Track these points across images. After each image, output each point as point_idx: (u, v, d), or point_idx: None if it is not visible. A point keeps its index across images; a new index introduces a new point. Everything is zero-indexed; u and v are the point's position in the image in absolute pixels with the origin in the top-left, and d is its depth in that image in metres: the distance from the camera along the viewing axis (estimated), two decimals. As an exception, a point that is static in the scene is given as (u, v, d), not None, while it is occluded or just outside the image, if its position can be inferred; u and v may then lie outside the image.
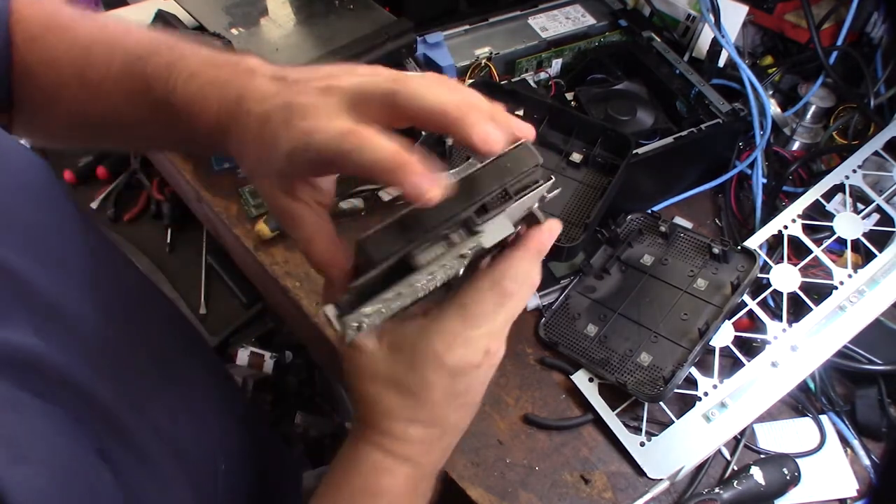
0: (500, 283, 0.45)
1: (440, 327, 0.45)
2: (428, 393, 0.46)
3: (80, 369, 0.44)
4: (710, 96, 0.87)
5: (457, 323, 0.45)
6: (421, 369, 0.46)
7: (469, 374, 0.47)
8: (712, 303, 0.75)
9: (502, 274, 0.46)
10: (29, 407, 0.39)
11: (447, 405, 0.48)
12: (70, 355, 0.44)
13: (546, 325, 0.78)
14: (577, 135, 0.81)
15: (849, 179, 0.81)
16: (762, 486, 0.66)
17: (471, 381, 0.47)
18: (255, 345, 1.27)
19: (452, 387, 0.47)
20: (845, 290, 0.73)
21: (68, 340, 0.45)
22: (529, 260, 0.46)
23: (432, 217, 0.42)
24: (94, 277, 0.51)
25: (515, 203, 0.44)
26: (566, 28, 0.98)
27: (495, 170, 0.43)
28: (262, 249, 0.85)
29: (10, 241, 0.45)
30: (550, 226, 0.48)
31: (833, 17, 0.94)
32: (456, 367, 0.46)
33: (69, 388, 0.43)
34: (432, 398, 0.47)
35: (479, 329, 0.45)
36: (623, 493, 0.68)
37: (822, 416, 0.72)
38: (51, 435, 0.40)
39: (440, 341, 0.45)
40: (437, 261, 0.42)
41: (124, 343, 0.51)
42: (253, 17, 0.88)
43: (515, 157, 0.44)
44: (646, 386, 0.71)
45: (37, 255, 0.46)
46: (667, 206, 0.89)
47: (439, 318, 0.46)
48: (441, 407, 0.47)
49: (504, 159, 0.44)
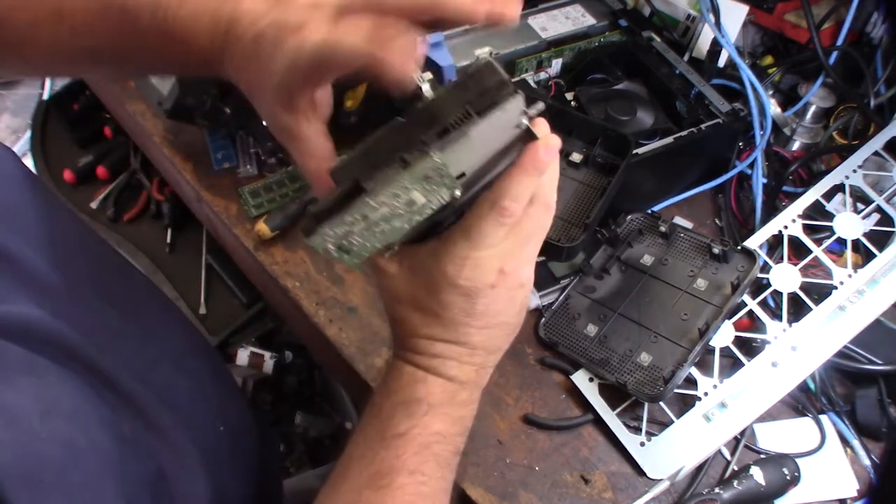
0: (498, 202, 0.46)
1: (448, 249, 0.47)
2: (447, 312, 0.49)
3: (81, 341, 0.46)
4: (710, 96, 0.87)
5: (462, 245, 0.47)
6: (437, 291, 0.48)
7: (485, 294, 0.48)
8: (712, 303, 0.75)
9: (499, 194, 0.46)
10: (47, 370, 0.41)
11: (468, 325, 0.49)
12: (70, 327, 0.45)
13: (546, 325, 0.78)
14: (577, 135, 0.81)
15: (849, 179, 0.81)
16: (762, 486, 0.66)
17: (489, 302, 0.49)
18: (255, 345, 1.27)
19: (471, 307, 0.49)
20: (845, 290, 0.73)
21: (66, 316, 0.46)
22: (526, 177, 0.46)
23: (392, 143, 0.43)
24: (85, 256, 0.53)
25: (483, 123, 0.43)
26: (566, 28, 0.97)
27: (457, 92, 0.43)
28: (262, 249, 0.85)
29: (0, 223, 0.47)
30: (547, 140, 0.47)
31: (833, 17, 0.94)
32: (469, 289, 0.48)
33: (77, 358, 0.45)
34: (452, 317, 0.49)
35: (485, 250, 0.47)
36: (623, 493, 0.68)
37: (822, 416, 0.72)
38: (71, 392, 0.42)
39: (450, 263, 0.47)
40: (389, 183, 0.42)
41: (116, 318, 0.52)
42: (253, 17, 0.87)
43: (478, 78, 0.43)
44: (646, 386, 0.71)
45: (25, 235, 0.48)
46: (667, 206, 0.89)
47: (448, 240, 0.48)
48: (463, 325, 0.49)
49: (467, 81, 0.43)
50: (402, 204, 0.43)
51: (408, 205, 0.43)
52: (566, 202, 0.78)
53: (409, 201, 0.43)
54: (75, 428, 0.40)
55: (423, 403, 0.50)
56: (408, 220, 0.44)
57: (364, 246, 0.45)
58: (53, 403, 0.40)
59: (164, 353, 0.57)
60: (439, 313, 0.49)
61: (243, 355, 1.25)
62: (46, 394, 0.40)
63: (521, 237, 0.48)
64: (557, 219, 0.77)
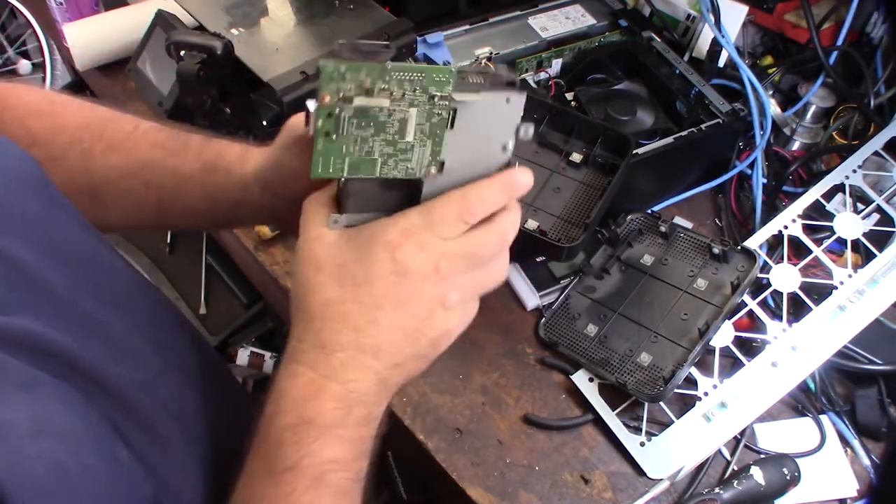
0: (467, 196, 0.46)
1: (400, 220, 0.46)
2: (369, 286, 0.46)
3: (84, 352, 0.45)
4: (710, 96, 0.87)
5: (417, 219, 0.46)
6: (368, 261, 0.46)
7: (414, 281, 0.46)
8: (712, 303, 0.75)
9: (470, 190, 0.46)
10: (46, 385, 0.40)
11: (381, 314, 0.46)
12: (74, 339, 0.44)
13: (546, 325, 0.78)
14: (577, 135, 0.81)
15: (849, 179, 0.81)
16: (762, 486, 0.66)
17: (412, 294, 0.46)
18: (255, 345, 1.28)
19: (396, 289, 0.46)
20: (845, 290, 0.73)
21: (70, 325, 0.45)
22: (497, 189, 0.47)
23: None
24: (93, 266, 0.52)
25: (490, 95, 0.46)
26: (566, 28, 0.98)
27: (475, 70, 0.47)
28: (262, 249, 0.85)
29: (7, 229, 0.46)
30: (524, 171, 0.48)
31: (833, 17, 0.94)
32: (403, 265, 0.45)
33: (78, 370, 0.43)
34: (370, 295, 0.46)
35: (436, 235, 0.46)
36: (623, 493, 0.68)
37: (822, 416, 0.72)
38: (66, 412, 0.41)
39: (396, 232, 0.45)
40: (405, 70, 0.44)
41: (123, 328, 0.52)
42: (253, 17, 0.88)
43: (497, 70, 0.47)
44: (646, 386, 0.71)
45: (34, 244, 0.47)
46: (667, 206, 0.89)
47: (402, 214, 0.46)
48: (378, 311, 0.46)
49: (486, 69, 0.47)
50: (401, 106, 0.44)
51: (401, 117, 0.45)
52: (566, 202, 0.78)
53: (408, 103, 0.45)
54: (67, 450, 0.39)
55: (313, 426, 0.45)
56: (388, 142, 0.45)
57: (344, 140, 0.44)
58: (47, 422, 0.39)
59: (171, 363, 0.55)
60: (359, 284, 0.46)
61: (243, 355, 1.26)
62: (41, 412, 0.39)
63: (468, 247, 0.47)
64: (557, 219, 0.77)
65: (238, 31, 0.85)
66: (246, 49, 0.81)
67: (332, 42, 0.83)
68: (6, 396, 0.38)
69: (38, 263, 0.47)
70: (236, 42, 0.80)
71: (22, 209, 0.49)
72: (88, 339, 0.46)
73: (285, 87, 0.77)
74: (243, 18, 0.87)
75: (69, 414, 0.41)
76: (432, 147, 0.46)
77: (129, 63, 0.95)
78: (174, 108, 0.87)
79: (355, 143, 0.45)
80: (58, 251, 0.49)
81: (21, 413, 0.38)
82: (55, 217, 0.52)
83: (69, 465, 0.38)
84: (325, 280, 0.46)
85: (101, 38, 1.04)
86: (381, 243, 0.46)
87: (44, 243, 0.48)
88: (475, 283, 0.48)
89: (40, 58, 2.15)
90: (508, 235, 0.48)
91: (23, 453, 0.36)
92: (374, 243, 0.46)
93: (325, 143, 0.44)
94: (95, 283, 0.51)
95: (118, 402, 0.46)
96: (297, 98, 0.78)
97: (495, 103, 0.46)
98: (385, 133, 0.45)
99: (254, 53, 0.82)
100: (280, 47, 0.84)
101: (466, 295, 0.48)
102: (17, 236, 0.46)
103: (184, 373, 0.57)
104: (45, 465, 0.37)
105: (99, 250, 0.55)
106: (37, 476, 0.36)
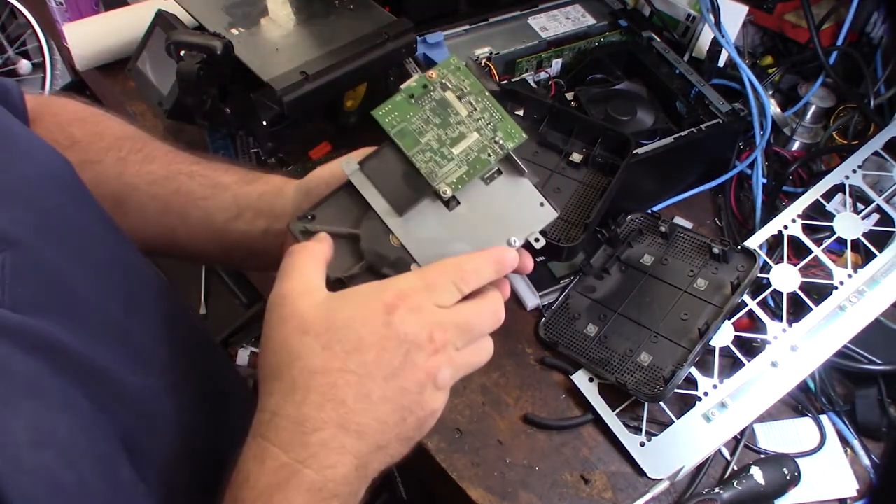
0: (462, 264, 0.46)
1: (396, 282, 0.45)
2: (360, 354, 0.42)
3: (105, 360, 0.44)
4: (710, 96, 0.87)
5: (413, 282, 0.45)
6: (361, 322, 0.43)
7: (408, 349, 0.43)
8: (712, 303, 0.75)
9: (465, 259, 0.47)
10: (52, 395, 0.39)
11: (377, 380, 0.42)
12: (95, 345, 0.44)
13: (546, 325, 0.78)
14: (577, 135, 0.81)
15: (849, 179, 0.81)
16: (762, 486, 0.66)
17: (408, 362, 0.43)
18: (255, 345, 1.28)
19: (389, 357, 0.43)
20: (845, 290, 0.73)
21: (93, 330, 0.45)
22: (490, 262, 0.47)
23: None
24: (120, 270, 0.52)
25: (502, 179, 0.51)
26: (566, 28, 0.97)
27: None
28: (262, 249, 0.85)
29: (28, 221, 0.45)
30: (518, 254, 0.49)
31: (833, 17, 0.94)
32: (397, 330, 0.43)
33: (95, 377, 0.42)
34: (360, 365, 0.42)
35: (431, 300, 0.45)
36: (623, 493, 0.68)
37: (822, 416, 0.72)
38: (71, 424, 0.40)
39: (392, 294, 0.44)
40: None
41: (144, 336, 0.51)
42: (253, 17, 0.87)
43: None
44: (646, 386, 0.71)
45: (66, 245, 0.47)
46: (667, 206, 0.89)
47: (398, 277, 0.46)
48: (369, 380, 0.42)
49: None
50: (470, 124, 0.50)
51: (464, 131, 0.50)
52: (566, 202, 0.78)
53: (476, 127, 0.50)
54: (65, 464, 0.38)
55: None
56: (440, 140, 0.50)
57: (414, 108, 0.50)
58: (48, 434, 0.38)
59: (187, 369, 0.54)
60: (349, 354, 0.42)
61: (243, 355, 1.26)
62: (44, 422, 0.38)
63: (462, 317, 0.45)
64: (557, 219, 0.77)
65: (238, 31, 0.85)
66: (246, 49, 0.81)
67: (332, 42, 0.83)
68: (11, 402, 0.37)
69: (69, 267, 0.46)
70: (236, 42, 0.80)
71: (46, 205, 0.48)
72: (110, 346, 0.45)
73: (285, 87, 0.77)
74: (243, 18, 0.87)
75: (73, 427, 0.40)
76: (463, 174, 0.50)
77: (129, 63, 0.95)
78: (174, 108, 0.87)
79: (419, 118, 0.50)
80: (88, 255, 0.49)
81: (23, 421, 0.37)
82: (87, 220, 0.52)
83: (66, 480, 0.37)
84: (310, 344, 0.43)
85: (101, 38, 1.04)
86: (376, 304, 0.44)
87: (75, 246, 0.48)
88: (464, 361, 0.46)
89: (40, 58, 2.15)
90: (499, 312, 0.48)
91: (19, 464, 0.35)
92: (367, 304, 0.44)
93: (403, 99, 0.50)
94: (122, 289, 0.51)
95: (134, 410, 0.45)
96: (297, 98, 0.78)
97: (531, 195, 0.51)
98: (443, 131, 0.50)
99: (254, 53, 0.82)
100: (280, 47, 0.84)
101: (456, 372, 0.46)
102: (50, 238, 0.46)
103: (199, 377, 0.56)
104: (41, 478, 0.36)
105: (126, 254, 0.55)
106: (31, 488, 0.35)
